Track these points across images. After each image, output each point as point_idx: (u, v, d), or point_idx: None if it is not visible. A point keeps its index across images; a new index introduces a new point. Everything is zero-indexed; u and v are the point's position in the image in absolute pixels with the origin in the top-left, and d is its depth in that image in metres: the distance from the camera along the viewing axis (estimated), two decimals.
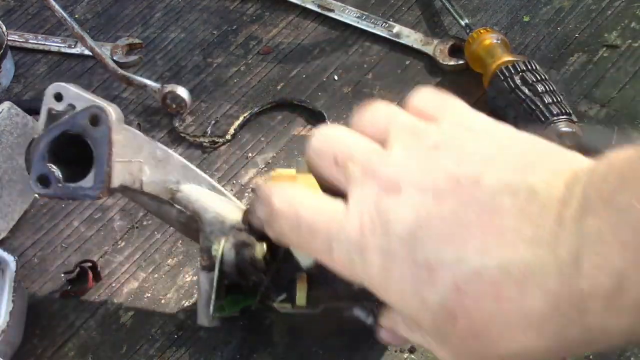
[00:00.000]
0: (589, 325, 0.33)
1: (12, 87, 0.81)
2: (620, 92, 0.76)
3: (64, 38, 0.84)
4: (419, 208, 0.37)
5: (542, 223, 0.33)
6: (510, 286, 0.34)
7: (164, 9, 0.87)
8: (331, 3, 0.85)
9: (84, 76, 0.81)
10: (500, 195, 0.35)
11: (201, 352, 0.62)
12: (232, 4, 0.87)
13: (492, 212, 0.35)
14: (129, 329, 0.63)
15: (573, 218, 0.32)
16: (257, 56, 0.82)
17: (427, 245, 0.36)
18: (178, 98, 0.76)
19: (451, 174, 0.37)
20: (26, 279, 0.66)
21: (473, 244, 0.35)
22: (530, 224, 0.34)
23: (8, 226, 0.69)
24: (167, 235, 0.69)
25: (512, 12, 0.83)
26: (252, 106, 0.78)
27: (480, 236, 0.35)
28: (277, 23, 0.85)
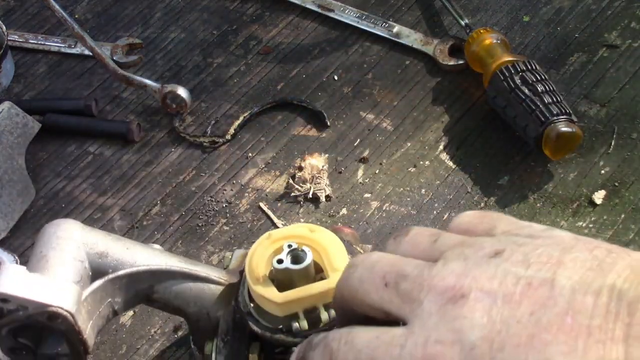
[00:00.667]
0: None
1: (12, 87, 0.81)
2: (620, 92, 0.76)
3: (64, 38, 0.84)
4: (492, 313, 0.34)
5: (633, 322, 0.32)
6: None
7: (164, 9, 0.87)
8: (331, 3, 0.85)
9: (84, 76, 0.81)
10: (581, 295, 0.33)
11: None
12: (232, 4, 0.87)
13: (575, 312, 0.33)
14: (129, 329, 0.63)
15: None
16: (257, 56, 0.82)
17: (507, 351, 0.34)
18: (178, 98, 0.76)
19: (520, 277, 0.35)
20: None
21: (557, 346, 0.33)
22: (620, 322, 0.33)
23: (8, 226, 0.69)
24: (167, 235, 0.69)
25: (512, 12, 0.83)
26: (252, 106, 0.78)
27: (565, 337, 0.33)
28: (277, 23, 0.85)
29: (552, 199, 0.69)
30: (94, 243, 0.55)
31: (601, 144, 0.72)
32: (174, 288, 0.55)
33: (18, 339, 0.52)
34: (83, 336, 0.52)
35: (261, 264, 0.51)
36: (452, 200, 0.69)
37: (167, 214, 0.70)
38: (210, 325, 0.55)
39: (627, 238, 0.66)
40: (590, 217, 0.67)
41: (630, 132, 0.73)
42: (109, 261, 0.54)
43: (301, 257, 0.51)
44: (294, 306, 0.50)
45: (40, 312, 0.50)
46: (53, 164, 0.75)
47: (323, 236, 0.52)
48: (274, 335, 0.52)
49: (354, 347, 0.38)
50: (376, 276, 0.38)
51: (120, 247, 0.55)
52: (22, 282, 0.51)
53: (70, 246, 0.54)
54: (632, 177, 0.70)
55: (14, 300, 0.50)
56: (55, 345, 0.52)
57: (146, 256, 0.56)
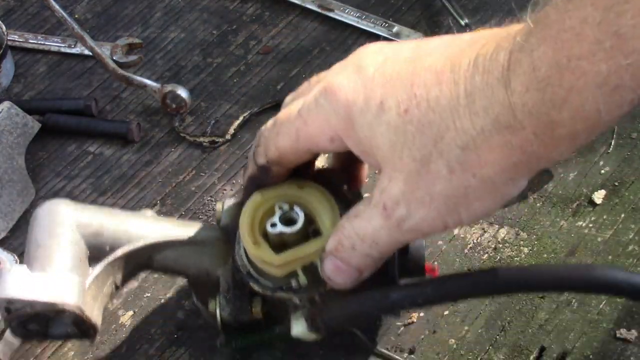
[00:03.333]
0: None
1: (12, 87, 0.81)
2: None
3: (64, 38, 0.84)
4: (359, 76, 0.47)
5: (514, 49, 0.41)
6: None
7: (164, 9, 0.87)
8: (331, 3, 0.85)
9: (84, 76, 0.81)
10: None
11: (201, 352, 0.62)
12: (232, 4, 0.87)
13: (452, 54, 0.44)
14: (129, 329, 0.63)
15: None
16: (257, 56, 0.82)
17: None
18: (178, 98, 0.76)
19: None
20: None
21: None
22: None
23: (8, 226, 0.69)
24: None
25: (512, 12, 0.83)
26: (252, 106, 0.78)
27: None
28: (277, 23, 0.85)
29: (552, 198, 0.69)
30: (87, 223, 0.55)
31: (601, 144, 0.72)
32: (172, 255, 0.56)
33: (28, 327, 0.53)
34: (91, 320, 0.53)
35: (255, 226, 0.52)
36: None
37: (167, 213, 0.70)
38: (211, 283, 0.56)
39: (627, 238, 0.66)
40: (590, 217, 0.67)
41: (630, 132, 0.73)
42: (105, 239, 0.55)
43: (293, 217, 0.52)
44: (293, 265, 0.52)
45: (47, 310, 0.52)
46: (53, 164, 0.75)
47: (313, 192, 0.53)
48: (275, 293, 0.54)
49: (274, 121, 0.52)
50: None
51: (114, 222, 0.56)
52: (25, 284, 0.51)
53: (64, 230, 0.54)
54: (632, 176, 0.70)
55: (20, 303, 0.51)
56: (64, 327, 0.54)
57: (141, 227, 0.56)
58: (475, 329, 0.62)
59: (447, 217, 0.45)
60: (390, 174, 0.45)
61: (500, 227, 0.67)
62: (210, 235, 0.57)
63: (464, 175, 0.43)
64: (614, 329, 0.61)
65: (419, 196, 0.45)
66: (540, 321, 0.62)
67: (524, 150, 0.41)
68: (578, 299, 0.62)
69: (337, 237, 0.50)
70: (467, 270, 0.65)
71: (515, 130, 0.41)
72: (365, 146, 0.47)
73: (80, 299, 0.52)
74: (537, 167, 0.44)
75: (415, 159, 0.44)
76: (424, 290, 0.48)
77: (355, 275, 0.50)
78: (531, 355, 0.60)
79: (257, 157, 0.52)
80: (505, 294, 0.59)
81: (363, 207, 0.49)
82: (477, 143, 0.42)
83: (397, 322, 0.62)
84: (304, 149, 0.50)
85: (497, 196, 0.45)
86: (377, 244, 0.48)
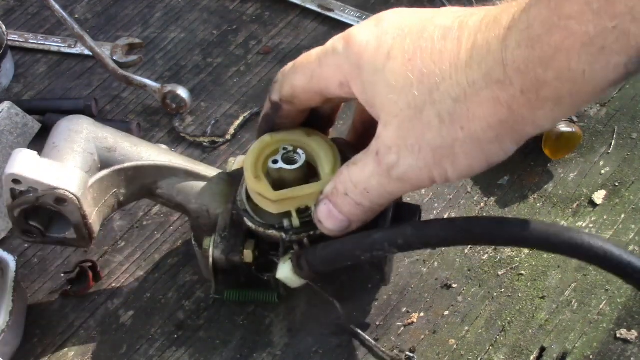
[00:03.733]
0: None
1: (12, 87, 0.81)
2: (620, 92, 0.76)
3: (64, 38, 0.84)
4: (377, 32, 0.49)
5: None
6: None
7: (164, 9, 0.87)
8: (331, 3, 0.85)
9: (84, 76, 0.81)
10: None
11: (201, 352, 0.62)
12: (232, 4, 0.87)
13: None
14: (129, 329, 0.63)
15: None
16: (257, 56, 0.82)
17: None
18: (178, 98, 0.76)
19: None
20: (26, 279, 0.66)
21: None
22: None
23: (8, 226, 0.69)
24: (167, 235, 0.69)
25: None
26: (252, 106, 0.78)
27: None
28: (277, 23, 0.85)
29: (552, 199, 0.69)
30: (103, 138, 0.58)
31: (601, 144, 0.72)
32: (176, 185, 0.59)
33: (29, 222, 0.56)
34: (88, 221, 0.56)
35: (259, 163, 0.55)
36: (452, 200, 0.69)
37: (167, 214, 0.70)
38: (209, 222, 0.59)
39: (627, 238, 0.66)
40: (590, 217, 0.67)
41: (630, 132, 0.73)
42: (116, 155, 0.58)
43: (295, 159, 0.55)
44: (288, 204, 0.55)
45: (48, 195, 0.54)
46: None
47: (318, 140, 0.56)
48: (267, 230, 0.56)
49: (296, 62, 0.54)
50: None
51: (128, 143, 0.59)
52: (32, 165, 0.55)
53: (81, 139, 0.57)
54: (632, 177, 0.70)
55: (25, 182, 0.54)
56: (63, 230, 0.58)
57: (152, 153, 0.59)
58: (475, 329, 0.62)
59: (434, 169, 0.47)
60: (386, 120, 0.48)
61: None
62: (217, 176, 0.60)
63: (453, 127, 0.45)
64: (614, 329, 0.61)
65: (409, 144, 0.47)
66: (540, 321, 0.62)
67: (510, 108, 0.43)
68: (578, 299, 0.63)
69: (334, 182, 0.53)
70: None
71: (504, 86, 0.42)
72: (369, 93, 0.49)
73: (81, 190, 0.55)
74: (523, 131, 0.45)
75: (410, 105, 0.46)
76: (404, 232, 0.50)
77: (344, 224, 0.53)
78: (531, 355, 0.60)
79: (272, 93, 0.55)
80: (483, 243, 0.59)
81: (361, 155, 0.51)
82: (468, 96, 0.44)
83: (398, 323, 0.62)
84: (315, 90, 0.53)
85: (483, 154, 0.46)
86: (368, 192, 0.50)
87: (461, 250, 0.66)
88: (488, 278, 0.64)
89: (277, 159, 0.55)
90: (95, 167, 0.57)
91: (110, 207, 0.58)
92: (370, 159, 0.49)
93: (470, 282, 0.64)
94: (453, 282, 0.64)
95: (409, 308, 0.63)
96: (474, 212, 0.68)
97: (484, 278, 0.64)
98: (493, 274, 0.65)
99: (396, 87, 0.46)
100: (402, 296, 0.64)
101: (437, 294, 0.64)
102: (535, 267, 0.65)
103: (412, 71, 0.46)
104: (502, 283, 0.64)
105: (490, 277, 0.64)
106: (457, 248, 0.66)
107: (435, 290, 0.64)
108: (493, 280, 0.64)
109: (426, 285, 0.64)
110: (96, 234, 0.57)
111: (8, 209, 0.56)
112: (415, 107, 0.46)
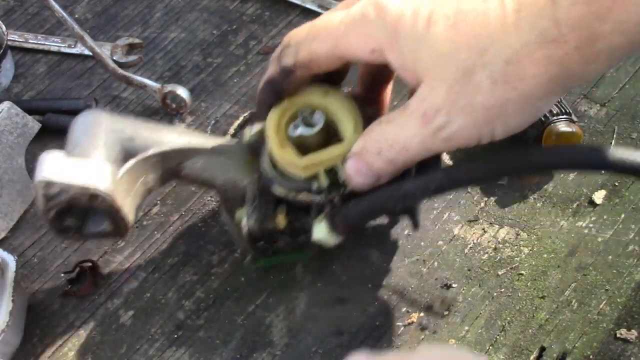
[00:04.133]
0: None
1: (12, 87, 0.81)
2: (620, 92, 0.76)
3: (64, 38, 0.84)
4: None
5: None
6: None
7: (164, 9, 0.87)
8: (331, 3, 0.85)
9: (84, 76, 0.81)
10: None
11: (201, 352, 0.62)
12: (232, 4, 0.87)
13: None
14: (129, 329, 0.63)
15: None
16: (257, 56, 0.82)
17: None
18: (178, 98, 0.76)
19: None
20: (26, 279, 0.66)
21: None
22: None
23: (8, 226, 0.69)
24: (167, 235, 0.69)
25: None
26: (252, 106, 0.78)
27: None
28: (277, 23, 0.85)
29: (552, 199, 0.69)
30: (122, 129, 0.59)
31: (601, 144, 0.72)
32: (200, 163, 0.60)
33: (64, 221, 0.57)
34: (122, 212, 0.57)
35: (280, 130, 0.56)
36: (452, 200, 0.69)
37: (167, 214, 0.70)
38: (238, 194, 0.60)
39: (627, 238, 0.66)
40: (590, 217, 0.67)
41: (630, 132, 0.73)
42: (137, 144, 0.59)
43: (315, 122, 0.56)
44: (316, 167, 0.56)
45: (81, 194, 0.55)
46: None
47: (337, 99, 0.57)
48: (298, 195, 0.57)
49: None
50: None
51: (147, 130, 0.60)
52: (61, 167, 0.56)
53: (101, 132, 0.58)
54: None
55: (56, 186, 0.55)
56: (99, 224, 0.58)
57: (172, 136, 0.60)
58: (475, 329, 0.62)
59: (483, 129, 0.48)
60: (432, 84, 0.48)
61: (500, 227, 0.67)
62: (237, 148, 0.61)
63: (505, 88, 0.46)
64: (614, 329, 0.61)
65: (460, 105, 0.47)
66: (540, 321, 0.62)
67: (563, 64, 0.44)
68: (578, 299, 0.63)
69: (365, 140, 0.53)
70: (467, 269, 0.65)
71: (558, 44, 0.43)
72: (407, 59, 0.49)
73: (112, 185, 0.56)
74: (571, 84, 0.47)
75: (459, 69, 0.46)
76: (435, 177, 0.51)
77: (373, 179, 0.53)
78: (531, 355, 0.60)
79: (284, 57, 0.55)
80: (512, 174, 0.62)
81: (397, 114, 0.51)
82: (520, 57, 0.45)
83: (398, 323, 0.62)
84: (339, 56, 0.52)
85: (532, 110, 0.48)
86: (407, 151, 0.51)
87: (461, 250, 0.66)
88: (488, 278, 0.64)
89: (297, 124, 0.56)
90: (119, 159, 0.58)
91: (141, 195, 0.60)
92: (412, 119, 0.49)
93: (470, 282, 0.64)
94: (453, 282, 0.64)
95: (409, 308, 0.63)
96: (474, 212, 0.68)
97: (484, 278, 0.64)
98: (493, 273, 0.65)
99: (442, 52, 0.47)
100: (402, 296, 0.64)
101: (437, 293, 0.64)
102: (535, 267, 0.65)
103: (457, 36, 0.46)
104: (502, 283, 0.64)
105: (490, 277, 0.64)
106: (456, 248, 0.66)
107: (435, 290, 0.64)
108: (493, 280, 0.64)
109: (426, 285, 0.64)
110: (132, 222, 0.59)
111: (42, 212, 0.56)
112: (464, 70, 0.46)
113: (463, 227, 0.67)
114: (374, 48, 0.50)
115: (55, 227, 0.57)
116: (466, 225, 0.68)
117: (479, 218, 0.68)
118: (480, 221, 0.68)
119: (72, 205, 0.56)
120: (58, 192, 0.55)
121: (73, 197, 0.55)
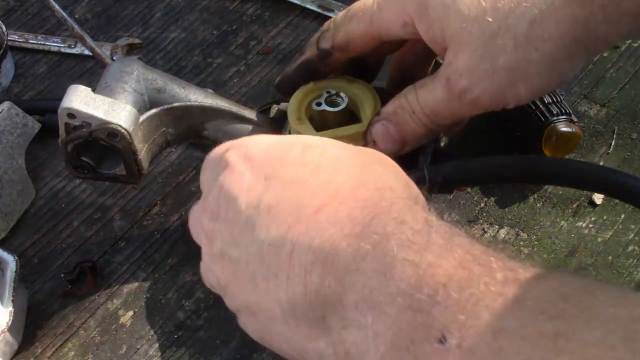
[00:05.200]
0: None
1: (12, 87, 0.81)
2: (620, 92, 0.76)
3: (64, 38, 0.84)
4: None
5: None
6: None
7: (164, 9, 0.87)
8: (331, 3, 0.85)
9: (84, 76, 0.81)
10: None
11: (201, 352, 0.62)
12: (232, 4, 0.87)
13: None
14: (129, 329, 0.63)
15: None
16: (257, 56, 0.82)
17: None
18: None
19: None
20: (26, 279, 0.66)
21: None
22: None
23: (8, 226, 0.69)
24: (167, 235, 0.69)
25: None
26: (252, 106, 0.78)
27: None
28: (277, 23, 0.85)
29: (552, 199, 0.69)
30: (153, 79, 0.61)
31: (601, 144, 0.72)
32: (222, 127, 0.61)
33: (81, 158, 0.59)
34: (138, 156, 0.59)
35: (302, 107, 0.58)
36: (452, 200, 0.69)
37: (167, 214, 0.70)
38: None
39: (627, 238, 0.66)
40: (590, 217, 0.67)
41: (630, 132, 0.73)
42: (165, 96, 0.60)
43: (337, 102, 0.58)
44: None
45: (101, 129, 0.57)
46: (53, 164, 0.75)
47: (361, 86, 0.59)
48: None
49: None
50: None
51: (177, 85, 0.62)
52: (87, 100, 0.57)
53: (131, 79, 0.60)
54: None
55: (79, 116, 0.57)
56: (113, 166, 0.61)
57: (199, 96, 0.62)
58: None
59: (507, 91, 0.48)
60: (457, 48, 0.49)
61: (500, 227, 0.67)
62: (262, 119, 0.62)
63: (528, 48, 0.46)
64: None
65: (482, 69, 0.48)
66: None
67: (587, 25, 0.45)
68: None
69: (397, 102, 0.54)
70: None
71: (583, 3, 0.44)
72: (435, 28, 0.49)
73: (133, 125, 0.57)
74: (595, 48, 0.47)
75: (484, 32, 0.47)
76: (444, 169, 0.53)
77: (398, 145, 0.54)
78: None
79: (323, 40, 0.57)
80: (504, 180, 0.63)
81: (429, 80, 0.52)
82: (545, 16, 0.45)
83: None
84: (375, 34, 0.54)
85: (555, 72, 0.48)
86: (436, 115, 0.52)
87: None
88: None
89: (321, 101, 0.57)
90: (145, 107, 0.59)
91: (159, 145, 0.61)
92: (439, 84, 0.50)
93: None
94: None
95: None
96: (474, 212, 0.68)
97: None
98: None
99: (469, 16, 0.47)
100: None
101: None
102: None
103: (483, 0, 0.47)
104: None
105: None
106: None
107: None
108: None
109: None
110: (145, 170, 0.60)
111: (62, 143, 0.58)
112: (489, 33, 0.47)
113: (463, 227, 0.67)
114: (405, 21, 0.51)
115: (71, 164, 0.59)
116: (466, 225, 0.68)
117: (479, 218, 0.68)
118: (480, 221, 0.68)
119: (91, 142, 0.57)
120: (79, 125, 0.57)
121: (93, 130, 0.56)
